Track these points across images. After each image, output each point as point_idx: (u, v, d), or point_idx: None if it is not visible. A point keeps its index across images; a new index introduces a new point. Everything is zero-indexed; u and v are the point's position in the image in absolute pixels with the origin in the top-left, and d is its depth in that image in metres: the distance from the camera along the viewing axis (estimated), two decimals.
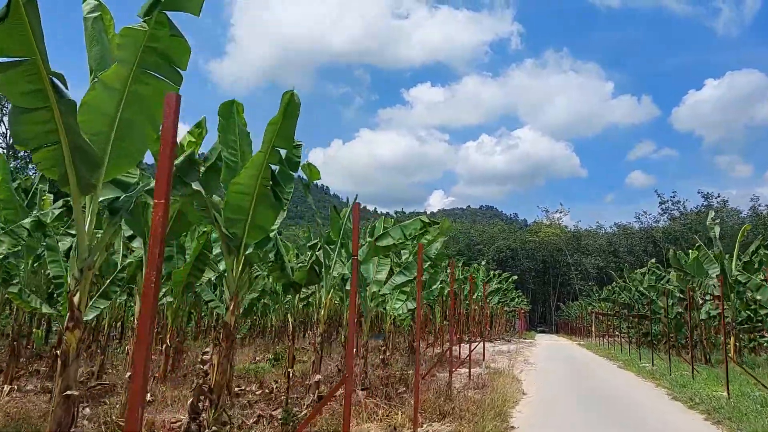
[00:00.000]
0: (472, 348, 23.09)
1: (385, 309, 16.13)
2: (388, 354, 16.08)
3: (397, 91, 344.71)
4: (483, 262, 47.58)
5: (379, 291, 13.78)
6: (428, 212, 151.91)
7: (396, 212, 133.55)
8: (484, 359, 19.99)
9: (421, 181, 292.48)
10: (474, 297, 41.00)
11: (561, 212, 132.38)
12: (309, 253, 13.12)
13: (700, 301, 22.88)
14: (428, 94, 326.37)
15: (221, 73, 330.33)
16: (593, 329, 56.48)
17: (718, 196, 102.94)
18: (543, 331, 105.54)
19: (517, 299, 62.60)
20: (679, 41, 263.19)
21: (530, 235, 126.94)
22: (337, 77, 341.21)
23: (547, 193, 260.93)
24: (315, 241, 13.75)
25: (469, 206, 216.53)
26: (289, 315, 20.76)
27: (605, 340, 43.79)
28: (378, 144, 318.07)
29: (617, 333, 44.76)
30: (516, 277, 54.47)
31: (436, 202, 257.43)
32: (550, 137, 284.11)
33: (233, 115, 8.25)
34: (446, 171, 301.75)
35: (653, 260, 39.20)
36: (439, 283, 27.43)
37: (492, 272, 43.74)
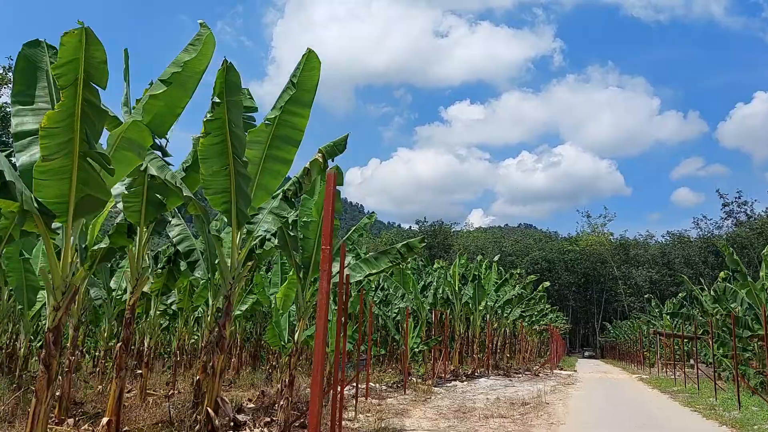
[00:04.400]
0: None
1: None
2: None
3: (436, 110, 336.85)
4: (496, 257, 33.56)
5: None
6: (466, 231, 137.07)
7: (434, 224, 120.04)
8: None
9: (461, 199, 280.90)
10: (481, 307, 26.74)
11: (605, 218, 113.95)
12: None
13: None
14: (467, 111, 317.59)
15: (262, 94, 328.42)
16: (657, 356, 41.43)
17: None
18: (590, 356, 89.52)
19: (551, 315, 47.80)
20: (729, 54, 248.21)
21: (569, 245, 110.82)
22: (376, 97, 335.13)
23: (590, 212, 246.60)
24: None
25: (507, 224, 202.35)
26: None
27: (675, 372, 29.23)
28: (416, 163, 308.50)
29: (693, 361, 30.19)
30: (548, 283, 40.04)
31: (476, 221, 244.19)
32: (593, 154, 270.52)
33: None
34: (486, 189, 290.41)
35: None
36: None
37: (510, 272, 29.59)
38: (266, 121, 7.19)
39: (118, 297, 14.76)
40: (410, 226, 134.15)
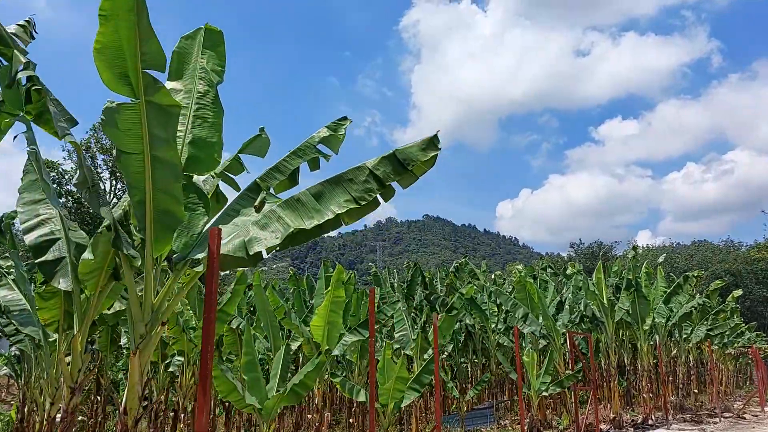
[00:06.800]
0: None
1: None
2: None
3: (585, 131, 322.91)
4: (661, 258, 25.52)
5: None
6: (630, 251, 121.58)
7: (591, 246, 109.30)
8: None
9: (623, 222, 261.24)
10: (646, 327, 19.16)
11: None
12: None
13: None
14: (620, 128, 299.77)
15: (405, 140, 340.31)
16: None
17: None
18: None
19: (749, 334, 37.51)
20: None
21: (758, 252, 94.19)
22: (519, 126, 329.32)
23: None
24: None
25: (678, 243, 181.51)
26: None
27: None
28: (569, 188, 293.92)
29: None
30: (740, 291, 30.66)
31: (643, 243, 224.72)
32: None
33: None
34: (651, 208, 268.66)
35: None
36: None
37: (685, 275, 21.34)
38: None
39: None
40: (567, 254, 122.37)
